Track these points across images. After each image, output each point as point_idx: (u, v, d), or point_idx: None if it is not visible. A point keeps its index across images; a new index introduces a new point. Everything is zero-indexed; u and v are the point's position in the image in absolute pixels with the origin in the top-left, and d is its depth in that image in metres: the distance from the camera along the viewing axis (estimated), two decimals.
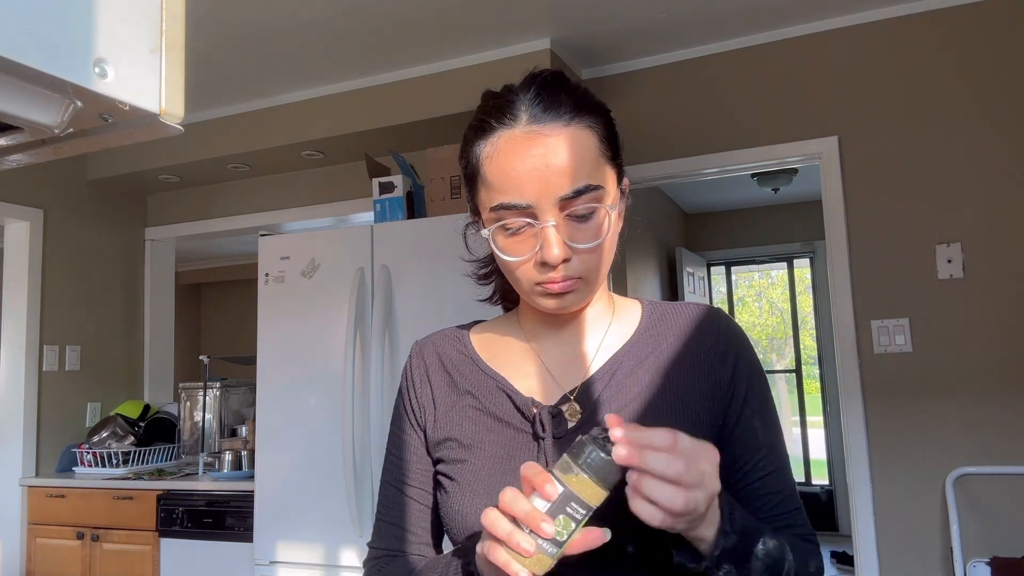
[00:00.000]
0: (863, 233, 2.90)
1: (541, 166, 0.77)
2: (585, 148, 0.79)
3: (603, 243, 0.80)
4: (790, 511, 0.86)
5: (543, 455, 0.83)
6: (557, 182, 0.77)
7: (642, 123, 3.28)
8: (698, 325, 0.88)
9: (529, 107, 0.79)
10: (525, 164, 0.77)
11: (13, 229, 3.74)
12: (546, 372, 0.89)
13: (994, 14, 2.78)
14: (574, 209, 0.78)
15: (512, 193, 0.78)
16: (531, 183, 0.77)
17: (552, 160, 0.77)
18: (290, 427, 2.82)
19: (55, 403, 3.75)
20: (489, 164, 0.81)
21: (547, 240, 0.77)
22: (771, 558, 0.76)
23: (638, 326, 0.90)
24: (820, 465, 6.01)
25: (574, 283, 0.80)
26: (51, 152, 0.51)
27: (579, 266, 0.79)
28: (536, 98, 0.80)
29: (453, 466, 0.88)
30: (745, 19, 2.98)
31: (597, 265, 0.81)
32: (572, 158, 0.78)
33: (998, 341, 2.69)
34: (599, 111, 0.83)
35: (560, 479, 0.66)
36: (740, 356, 0.87)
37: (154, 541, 3.26)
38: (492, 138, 0.80)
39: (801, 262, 6.23)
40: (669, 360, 0.86)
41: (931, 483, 2.73)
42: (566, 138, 0.78)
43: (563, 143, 0.78)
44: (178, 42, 0.50)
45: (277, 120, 3.57)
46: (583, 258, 0.79)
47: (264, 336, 2.91)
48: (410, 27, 2.92)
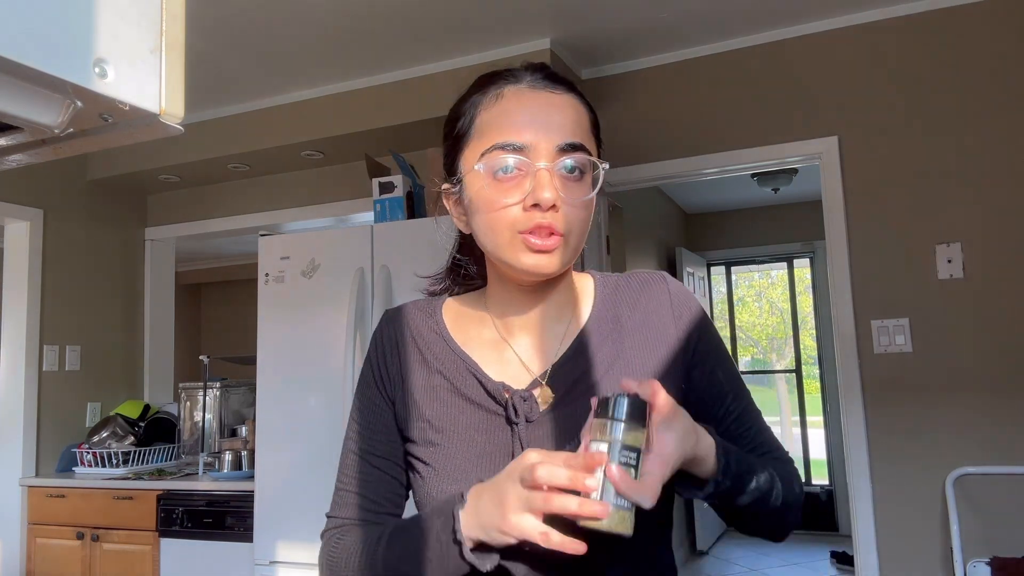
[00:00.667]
0: (863, 233, 2.90)
1: (544, 113, 0.82)
2: (581, 117, 0.85)
3: (585, 207, 0.82)
4: (764, 440, 0.91)
5: (517, 439, 0.84)
6: (558, 131, 0.81)
7: (642, 123, 3.28)
8: (649, 292, 0.92)
9: (533, 72, 0.86)
10: (529, 109, 0.82)
11: (13, 229, 3.74)
12: (515, 357, 0.89)
13: (994, 14, 2.78)
14: (567, 162, 0.81)
15: (510, 133, 0.81)
16: (532, 126, 0.81)
17: (555, 111, 0.82)
18: (290, 427, 2.82)
19: (55, 403, 3.75)
20: (489, 112, 0.84)
21: (540, 181, 0.79)
22: (761, 491, 0.82)
23: (594, 303, 0.92)
24: (820, 465, 6.01)
25: (557, 240, 0.80)
26: (51, 152, 0.51)
27: (564, 223, 0.80)
28: (538, 71, 0.86)
29: (426, 449, 0.87)
30: (745, 19, 2.99)
31: (581, 229, 0.83)
32: (573, 116, 0.84)
33: (998, 341, 2.69)
34: (590, 103, 0.90)
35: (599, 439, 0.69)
36: (692, 315, 0.91)
37: (154, 541, 3.26)
38: (495, 90, 0.85)
39: (801, 262, 6.23)
40: (629, 332, 0.89)
41: (931, 483, 2.73)
42: (568, 100, 0.85)
43: (567, 103, 0.84)
44: (178, 42, 0.50)
45: (277, 120, 3.57)
46: (568, 215, 0.80)
47: (264, 336, 2.91)
48: (410, 27, 2.92)
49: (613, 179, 3.31)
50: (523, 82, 0.85)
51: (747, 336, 9.71)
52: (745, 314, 9.76)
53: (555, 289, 0.90)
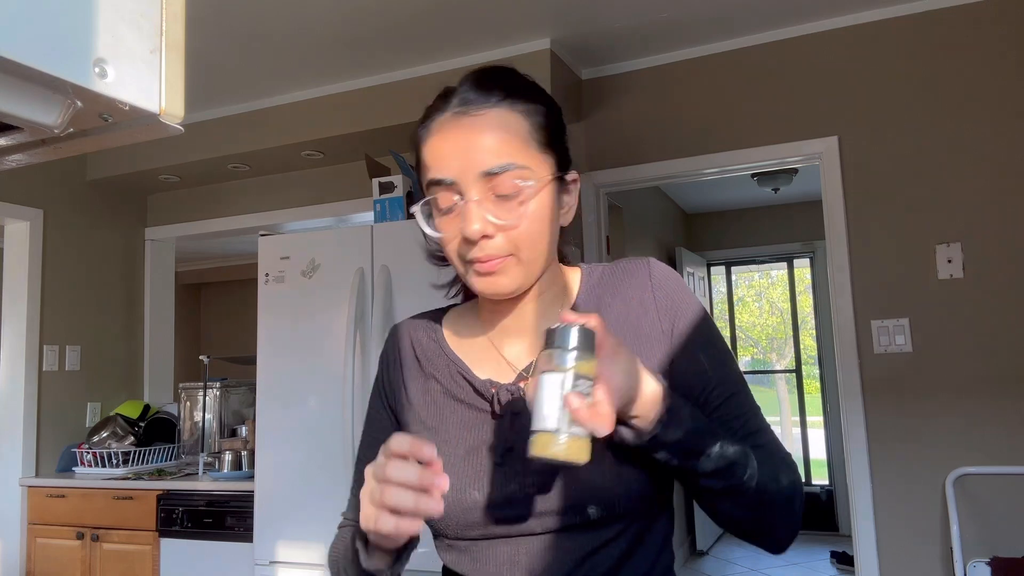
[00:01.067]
0: (863, 233, 2.90)
1: (464, 142, 0.81)
2: (512, 129, 0.82)
3: (529, 222, 0.81)
4: (755, 431, 0.85)
5: (503, 432, 0.85)
6: (479, 157, 0.80)
7: (642, 123, 3.28)
8: (632, 279, 0.90)
9: (462, 92, 0.85)
10: (451, 140, 0.82)
11: (13, 229, 3.74)
12: (501, 359, 0.91)
13: (994, 14, 2.78)
14: (497, 185, 0.80)
15: (439, 168, 0.82)
16: (455, 158, 0.81)
17: (475, 136, 0.81)
18: (290, 427, 2.82)
19: (55, 403, 3.75)
20: (425, 145, 0.86)
21: (466, 215, 0.80)
22: (726, 460, 0.77)
23: (578, 295, 0.92)
24: (820, 465, 6.01)
25: (502, 261, 0.81)
26: (51, 152, 0.51)
27: (505, 244, 0.81)
28: (471, 84, 0.85)
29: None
30: (745, 19, 2.99)
31: (530, 244, 0.82)
32: (496, 136, 0.81)
33: (998, 341, 2.69)
34: (539, 101, 0.86)
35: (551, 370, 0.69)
36: (676, 299, 0.88)
37: (154, 541, 3.26)
38: (428, 124, 0.86)
39: (801, 262, 6.23)
40: (612, 321, 0.87)
41: (931, 483, 2.73)
42: (492, 117, 0.82)
43: (489, 122, 0.82)
44: (178, 42, 0.50)
45: (277, 120, 3.57)
46: (511, 236, 0.81)
47: (264, 336, 2.91)
48: (410, 27, 2.92)
49: (613, 179, 3.31)
50: (448, 109, 0.84)
51: (747, 336, 9.71)
52: (745, 314, 9.76)
53: (538, 297, 0.90)
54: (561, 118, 0.89)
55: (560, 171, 0.86)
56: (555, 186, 0.85)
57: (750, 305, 9.97)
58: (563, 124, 0.89)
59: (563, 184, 0.88)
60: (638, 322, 0.88)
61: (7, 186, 3.61)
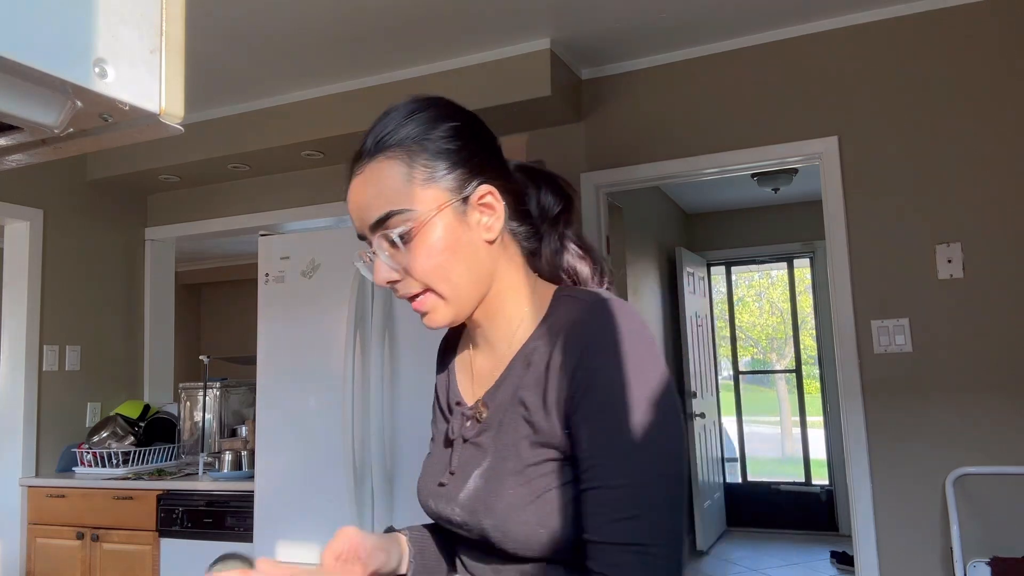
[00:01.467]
0: (863, 233, 2.90)
1: (353, 204, 0.88)
2: (386, 178, 0.86)
3: (423, 259, 0.85)
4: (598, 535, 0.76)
5: (449, 455, 0.93)
6: (364, 214, 0.87)
7: (642, 123, 3.28)
8: (566, 325, 0.85)
9: (353, 159, 0.90)
10: (350, 202, 0.89)
11: (13, 229, 3.74)
12: (471, 377, 0.97)
13: (994, 14, 2.78)
14: (387, 233, 0.85)
15: (355, 227, 0.90)
16: (356, 218, 0.89)
17: (357, 197, 0.88)
18: (290, 427, 2.82)
19: (55, 403, 3.75)
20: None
21: (374, 268, 0.88)
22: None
23: (535, 328, 0.89)
24: (820, 465, 6.02)
25: (424, 300, 0.87)
26: (51, 152, 0.51)
27: (415, 283, 0.86)
28: (360, 143, 0.89)
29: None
30: (745, 19, 2.99)
31: (438, 278, 0.86)
32: (370, 190, 0.86)
33: (998, 341, 2.69)
34: (414, 137, 0.86)
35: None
36: (583, 357, 0.81)
37: (154, 541, 3.26)
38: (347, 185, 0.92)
39: (801, 262, 6.23)
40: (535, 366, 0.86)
41: (931, 483, 2.73)
42: (368, 173, 0.87)
43: (365, 178, 0.87)
44: (178, 42, 0.50)
45: (277, 120, 3.57)
46: (419, 273, 0.86)
47: (264, 336, 2.91)
48: (410, 27, 2.92)
49: (613, 179, 3.31)
50: (350, 174, 0.90)
51: (747, 336, 9.71)
52: (745, 314, 9.76)
53: (491, 318, 0.92)
54: (469, 137, 0.88)
55: (460, 193, 0.86)
56: (451, 212, 0.85)
57: (750, 305, 9.97)
58: (472, 142, 0.88)
59: (466, 205, 0.86)
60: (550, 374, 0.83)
61: (7, 186, 3.61)
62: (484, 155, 0.90)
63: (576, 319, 0.84)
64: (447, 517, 0.89)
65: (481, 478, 0.85)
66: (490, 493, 0.83)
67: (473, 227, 0.87)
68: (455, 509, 0.87)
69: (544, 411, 0.83)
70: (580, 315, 0.84)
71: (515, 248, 0.92)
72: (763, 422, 10.36)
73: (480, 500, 0.84)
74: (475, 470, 0.87)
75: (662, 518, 0.76)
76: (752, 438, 7.00)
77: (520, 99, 3.05)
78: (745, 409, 6.48)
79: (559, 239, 0.97)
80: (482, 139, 0.91)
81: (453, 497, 0.88)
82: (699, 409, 5.38)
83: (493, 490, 0.83)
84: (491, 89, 3.11)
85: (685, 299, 5.37)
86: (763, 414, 10.56)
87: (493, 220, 0.88)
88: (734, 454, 6.32)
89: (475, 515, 0.84)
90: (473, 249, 0.87)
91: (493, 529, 0.82)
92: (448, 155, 0.86)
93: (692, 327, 5.45)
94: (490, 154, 0.91)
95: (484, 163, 0.89)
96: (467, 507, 0.86)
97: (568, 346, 0.82)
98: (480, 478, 0.85)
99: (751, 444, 6.74)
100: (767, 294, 9.88)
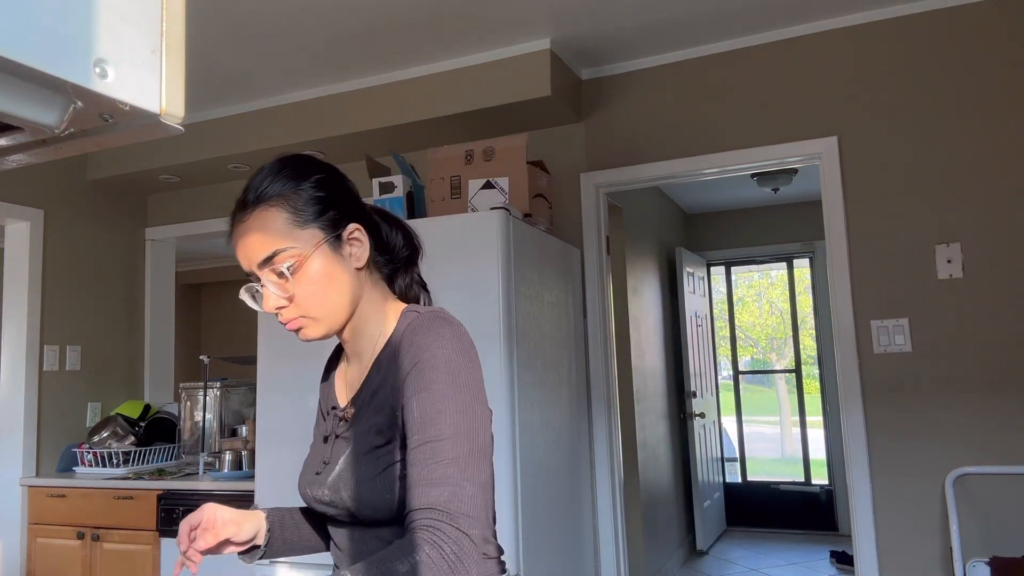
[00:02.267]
0: (863, 233, 2.90)
1: (241, 246, 1.05)
2: (269, 223, 1.03)
3: (304, 288, 1.03)
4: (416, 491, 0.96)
5: (326, 449, 1.13)
6: (252, 255, 1.04)
7: (642, 123, 3.28)
8: (402, 338, 1.06)
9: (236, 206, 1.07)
10: (235, 246, 1.07)
11: (13, 229, 3.74)
12: (346, 384, 1.17)
13: (994, 14, 2.78)
14: (273, 269, 1.03)
15: (242, 265, 1.07)
16: (243, 258, 1.05)
17: (244, 239, 1.05)
18: (290, 427, 2.82)
19: (55, 403, 3.76)
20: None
21: (264, 297, 1.05)
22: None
23: (386, 343, 1.10)
24: (820, 465, 6.02)
25: (298, 321, 1.06)
26: (51, 152, 0.51)
27: (295, 309, 1.05)
28: (242, 196, 1.06)
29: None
30: (745, 19, 2.99)
31: (316, 304, 1.05)
32: (257, 235, 1.03)
33: (998, 341, 2.69)
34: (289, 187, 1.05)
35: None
36: (408, 352, 1.03)
37: (154, 541, 3.27)
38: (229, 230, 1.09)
39: (801, 262, 6.23)
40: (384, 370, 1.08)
41: (931, 483, 2.73)
42: (252, 222, 1.04)
43: (249, 227, 1.04)
44: (178, 42, 0.50)
45: (277, 120, 3.57)
46: (298, 303, 1.04)
47: (264, 336, 2.91)
48: (410, 27, 2.92)
49: (613, 179, 3.31)
50: (234, 221, 1.06)
51: (747, 336, 9.71)
52: (745, 314, 9.76)
53: (357, 335, 1.12)
54: (333, 185, 1.07)
55: (334, 230, 1.05)
56: (327, 248, 1.05)
57: (750, 305, 9.97)
58: (336, 189, 1.07)
59: (339, 241, 1.06)
60: (393, 374, 1.05)
61: (7, 186, 3.61)
62: (348, 199, 1.09)
63: (415, 325, 1.06)
64: (319, 498, 1.09)
65: (344, 462, 1.07)
66: (349, 471, 1.05)
67: (345, 258, 1.07)
68: (324, 491, 1.08)
69: (390, 402, 1.04)
70: (419, 322, 1.06)
71: (377, 274, 1.13)
72: (763, 422, 10.36)
73: (342, 479, 1.05)
74: (341, 457, 1.08)
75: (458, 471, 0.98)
76: (752, 438, 7.00)
77: (520, 99, 3.05)
78: (745, 409, 6.48)
79: (410, 278, 1.20)
80: (345, 187, 1.10)
81: (323, 481, 1.09)
82: (699, 409, 5.38)
83: (350, 468, 1.05)
84: (491, 89, 3.11)
85: (685, 299, 5.37)
86: (763, 414, 10.56)
87: (361, 251, 1.08)
88: (734, 454, 6.32)
89: (338, 491, 1.05)
90: (345, 277, 1.06)
91: (350, 499, 1.03)
92: (319, 200, 1.05)
93: (692, 327, 5.45)
94: (353, 198, 1.10)
95: (349, 206, 1.09)
96: (332, 486, 1.06)
97: (404, 347, 1.04)
98: (343, 462, 1.07)
99: (751, 444, 6.74)
100: (767, 294, 9.88)
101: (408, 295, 1.19)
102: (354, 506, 1.03)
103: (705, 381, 5.68)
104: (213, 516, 1.11)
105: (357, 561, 1.06)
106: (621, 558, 3.17)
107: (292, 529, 1.21)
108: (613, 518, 3.16)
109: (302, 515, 1.24)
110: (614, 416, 3.24)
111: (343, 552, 1.10)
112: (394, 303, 1.14)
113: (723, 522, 5.88)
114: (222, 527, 1.11)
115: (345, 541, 1.09)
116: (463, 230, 2.50)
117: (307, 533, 1.23)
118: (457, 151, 2.85)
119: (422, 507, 0.94)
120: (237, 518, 1.13)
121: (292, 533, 1.21)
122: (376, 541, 1.05)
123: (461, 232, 2.50)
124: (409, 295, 1.19)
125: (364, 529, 1.06)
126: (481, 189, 2.78)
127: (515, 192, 2.75)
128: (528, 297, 2.63)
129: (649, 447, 4.48)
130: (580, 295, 3.24)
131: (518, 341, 2.51)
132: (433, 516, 0.93)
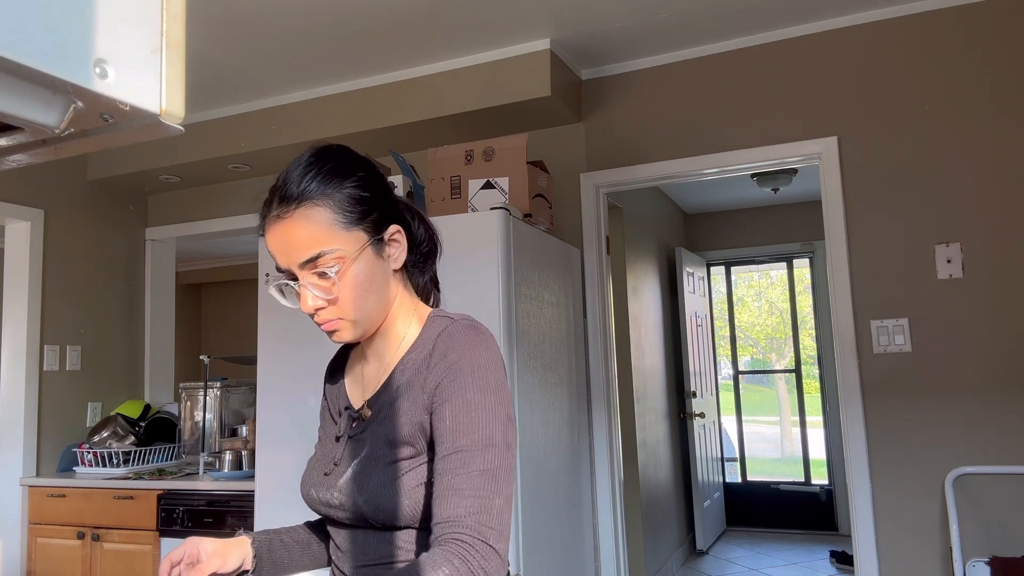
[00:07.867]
0: (863, 233, 2.90)
1: (282, 241, 1.01)
2: (314, 223, 1.00)
3: (347, 291, 1.01)
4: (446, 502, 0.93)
5: (337, 449, 1.11)
6: (295, 254, 1.00)
7: (642, 123, 3.28)
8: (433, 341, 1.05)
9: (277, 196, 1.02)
10: (274, 240, 1.02)
11: (13, 229, 3.74)
12: (361, 384, 1.14)
13: (994, 14, 2.78)
14: (315, 269, 1.00)
15: (275, 260, 1.03)
16: (280, 254, 1.02)
17: (288, 236, 1.00)
18: (290, 427, 2.82)
19: (55, 403, 3.76)
20: (264, 240, 1.06)
21: (301, 297, 1.02)
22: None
23: (412, 345, 1.08)
24: (820, 465, 6.02)
25: (336, 323, 1.03)
26: (52, 152, 0.51)
27: (334, 311, 1.02)
28: (281, 189, 1.02)
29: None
30: (745, 19, 2.99)
31: (355, 308, 1.02)
32: (304, 231, 1.00)
33: (998, 341, 2.69)
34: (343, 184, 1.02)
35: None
36: (443, 360, 1.01)
37: (154, 541, 3.27)
38: (262, 223, 1.05)
39: (801, 262, 6.23)
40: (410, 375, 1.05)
41: (931, 483, 2.73)
42: (298, 216, 1.00)
43: (292, 223, 1.00)
44: (178, 42, 0.50)
45: (277, 120, 3.57)
46: (340, 305, 1.02)
47: (264, 336, 2.91)
48: (410, 27, 2.92)
49: (613, 179, 3.31)
50: (270, 213, 1.02)
51: (747, 336, 9.70)
52: (745, 314, 9.76)
53: (384, 334, 1.10)
54: (375, 184, 1.05)
55: (376, 233, 1.03)
56: (370, 250, 1.03)
57: (750, 305, 9.96)
58: (378, 188, 1.05)
59: (381, 243, 1.05)
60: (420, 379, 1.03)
61: (7, 186, 3.61)
62: (388, 198, 1.07)
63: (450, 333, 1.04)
64: (326, 501, 1.07)
65: (358, 465, 1.04)
66: (363, 476, 1.03)
67: (385, 260, 1.05)
68: (333, 493, 1.05)
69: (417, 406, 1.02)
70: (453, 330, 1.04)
71: (404, 273, 1.11)
72: (763, 422, 10.36)
73: (356, 482, 1.03)
74: (355, 459, 1.06)
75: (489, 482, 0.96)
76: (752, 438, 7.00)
77: (520, 99, 3.05)
78: (745, 409, 6.48)
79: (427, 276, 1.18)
80: (384, 185, 1.07)
81: (333, 484, 1.06)
82: (699, 409, 5.39)
83: (366, 473, 1.03)
84: (491, 89, 3.11)
85: (685, 299, 5.37)
86: (763, 414, 10.56)
87: (400, 252, 1.07)
88: (734, 454, 6.32)
89: (351, 495, 1.03)
90: (385, 279, 1.06)
91: (366, 503, 1.01)
92: (364, 201, 1.03)
93: (692, 327, 5.45)
94: (391, 196, 1.08)
95: (389, 205, 1.07)
96: (344, 489, 1.04)
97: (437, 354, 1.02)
98: (357, 465, 1.05)
99: (751, 444, 6.74)
100: (766, 294, 9.88)
101: (424, 294, 1.17)
102: (370, 510, 1.01)
103: (705, 381, 5.68)
104: (196, 550, 1.06)
105: (359, 563, 1.04)
106: (621, 558, 3.17)
107: (281, 552, 1.18)
108: (613, 518, 3.16)
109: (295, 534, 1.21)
110: (614, 416, 3.24)
111: (344, 553, 1.08)
112: (420, 305, 1.13)
113: (723, 522, 5.88)
114: (207, 561, 1.06)
115: (347, 543, 1.07)
116: (463, 230, 2.50)
117: (299, 555, 1.19)
118: (457, 151, 2.85)
119: (451, 519, 0.92)
120: (221, 549, 1.09)
121: (282, 555, 1.17)
122: (384, 544, 1.02)
123: (461, 232, 2.50)
124: (425, 293, 1.17)
125: (371, 532, 1.04)
126: (481, 189, 2.78)
127: (515, 192, 2.75)
128: (528, 297, 2.63)
129: (649, 447, 4.48)
130: (580, 295, 3.24)
131: (518, 341, 2.51)
132: (462, 529, 0.91)
